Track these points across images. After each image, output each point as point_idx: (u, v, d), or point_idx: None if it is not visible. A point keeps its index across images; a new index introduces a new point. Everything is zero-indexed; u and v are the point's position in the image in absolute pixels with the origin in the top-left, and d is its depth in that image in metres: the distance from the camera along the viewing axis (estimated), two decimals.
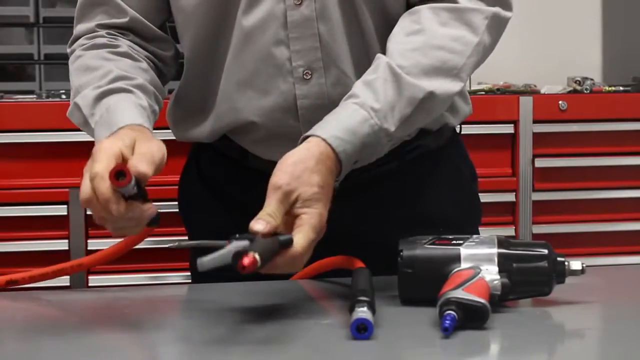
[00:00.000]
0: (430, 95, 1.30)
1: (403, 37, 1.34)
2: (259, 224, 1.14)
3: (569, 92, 3.05)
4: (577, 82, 3.07)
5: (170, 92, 1.56)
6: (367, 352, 1.03)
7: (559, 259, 1.20)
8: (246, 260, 1.01)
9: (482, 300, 1.10)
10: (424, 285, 1.18)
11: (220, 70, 1.42)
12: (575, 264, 1.21)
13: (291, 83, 1.38)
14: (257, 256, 1.02)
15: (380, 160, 1.33)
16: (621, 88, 3.10)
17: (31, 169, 2.74)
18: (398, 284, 1.21)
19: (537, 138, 2.97)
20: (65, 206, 2.74)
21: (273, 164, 1.23)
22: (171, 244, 1.20)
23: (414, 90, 1.29)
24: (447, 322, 1.06)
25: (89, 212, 2.54)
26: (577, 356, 1.07)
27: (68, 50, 1.47)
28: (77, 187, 2.87)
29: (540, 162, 2.98)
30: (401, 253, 1.20)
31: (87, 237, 2.75)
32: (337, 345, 1.06)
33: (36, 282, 1.31)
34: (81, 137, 2.75)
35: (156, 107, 1.38)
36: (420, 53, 1.32)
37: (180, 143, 1.55)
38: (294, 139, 1.28)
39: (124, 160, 1.16)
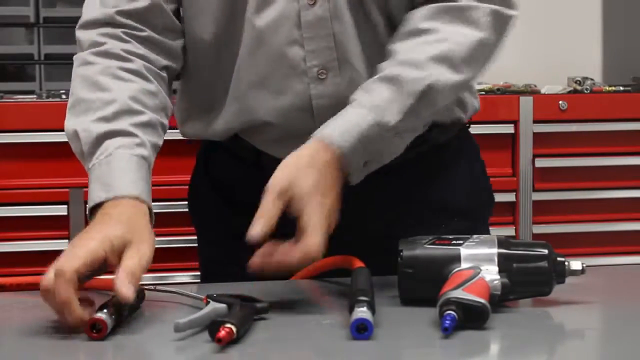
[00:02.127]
0: (430, 88, 1.30)
1: (405, 38, 1.35)
2: (253, 230, 1.16)
3: (569, 92, 3.05)
4: (577, 82, 3.07)
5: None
6: (367, 352, 1.03)
7: (559, 259, 1.20)
8: (222, 333, 1.02)
9: (482, 300, 1.10)
10: (424, 285, 1.18)
11: (231, 69, 1.41)
12: (576, 264, 1.21)
13: (306, 83, 1.38)
14: (233, 328, 1.03)
15: None
16: (621, 88, 3.10)
17: (31, 169, 2.74)
18: (398, 284, 1.21)
19: (538, 138, 2.97)
20: (65, 206, 2.73)
21: None
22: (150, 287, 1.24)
23: (413, 84, 1.30)
24: (447, 322, 1.06)
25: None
26: (577, 356, 1.07)
27: (76, 33, 1.44)
28: (77, 187, 2.86)
29: (541, 162, 2.98)
30: (401, 253, 1.20)
31: None
32: (337, 345, 1.06)
33: (23, 290, 1.32)
34: None
35: (160, 142, 1.37)
36: (423, 46, 1.33)
37: (185, 144, 1.54)
38: (306, 139, 1.29)
39: (105, 264, 1.15)
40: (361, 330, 1.05)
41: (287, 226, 1.21)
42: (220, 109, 1.44)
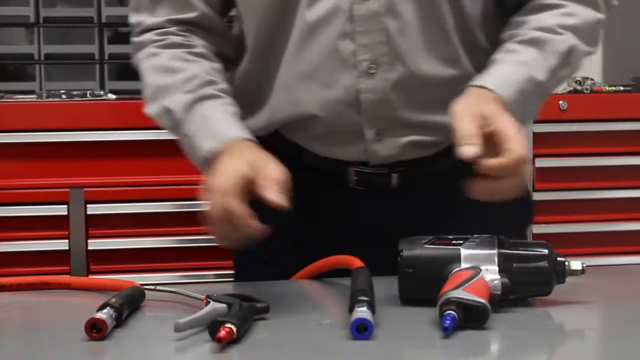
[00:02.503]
0: (571, 49, 1.36)
1: (533, 11, 1.39)
2: (469, 149, 1.17)
3: (569, 92, 3.05)
4: (577, 82, 3.07)
5: None
6: (367, 352, 1.03)
7: (559, 259, 1.20)
8: (222, 333, 1.02)
9: (482, 300, 1.10)
10: (424, 285, 1.18)
11: (278, 61, 1.41)
12: (576, 264, 1.21)
13: (355, 77, 1.38)
14: (233, 328, 1.03)
15: (439, 155, 1.38)
16: (621, 88, 3.10)
17: (31, 169, 2.74)
18: (398, 284, 1.21)
19: (537, 138, 2.97)
20: (65, 206, 2.73)
21: (328, 161, 1.22)
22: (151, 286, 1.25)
23: (557, 44, 1.35)
24: (447, 322, 1.06)
25: (89, 212, 2.53)
26: (577, 356, 1.07)
27: (134, 40, 1.47)
28: (77, 187, 2.86)
29: (541, 162, 2.98)
30: (401, 253, 1.20)
31: (87, 237, 2.75)
32: (337, 345, 1.06)
33: (23, 290, 1.32)
34: (81, 137, 2.76)
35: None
36: (554, 17, 1.37)
37: None
38: (353, 134, 1.32)
39: (250, 183, 1.20)
40: (361, 330, 1.05)
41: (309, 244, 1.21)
42: (265, 101, 1.44)
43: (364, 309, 1.08)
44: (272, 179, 1.20)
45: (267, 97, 1.43)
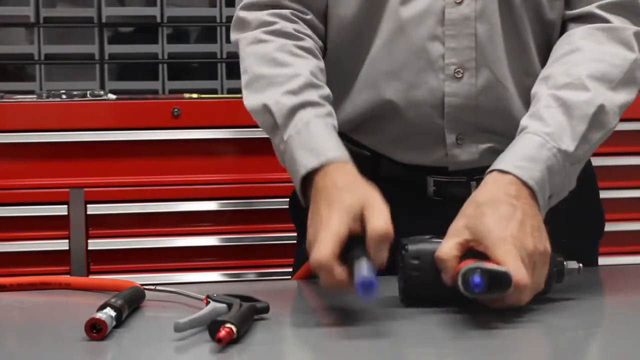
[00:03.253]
0: (601, 109, 1.31)
1: (560, 58, 1.35)
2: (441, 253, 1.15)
3: None
4: None
5: None
6: (368, 351, 1.03)
7: (558, 258, 1.20)
8: (222, 333, 1.02)
9: (505, 269, 1.10)
10: (426, 280, 1.18)
11: (365, 55, 1.41)
12: (572, 264, 1.21)
13: (441, 80, 1.38)
14: (233, 328, 1.03)
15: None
16: None
17: (31, 169, 2.73)
18: (400, 278, 1.20)
19: None
20: (66, 206, 2.73)
21: (405, 168, 1.20)
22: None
23: (583, 107, 1.30)
24: (477, 279, 1.07)
25: (89, 212, 2.53)
26: (577, 356, 1.07)
27: (239, 14, 1.43)
28: (77, 187, 2.86)
29: None
30: (406, 246, 1.20)
31: (87, 237, 2.75)
32: (337, 345, 1.06)
33: (23, 290, 1.32)
34: (81, 137, 2.76)
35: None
36: (580, 67, 1.33)
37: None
38: (434, 138, 1.32)
39: (353, 234, 1.15)
40: (367, 289, 1.06)
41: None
42: (349, 96, 1.43)
43: (365, 264, 1.08)
44: (377, 238, 1.14)
45: (347, 91, 1.43)
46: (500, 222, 1.17)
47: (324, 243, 1.14)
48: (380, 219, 1.14)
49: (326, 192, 1.21)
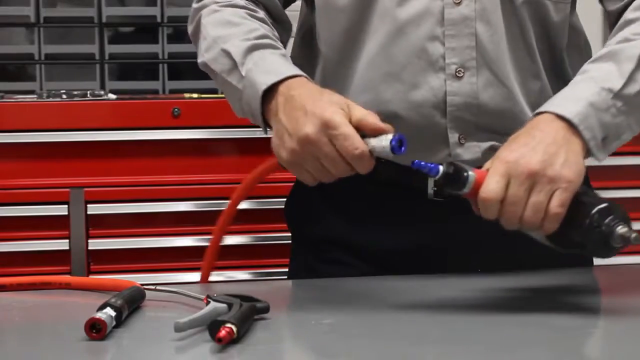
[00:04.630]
0: None
1: (615, 32, 1.37)
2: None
3: None
4: None
5: None
6: (367, 351, 1.03)
7: (612, 222, 1.27)
8: (222, 333, 1.03)
9: (472, 172, 1.17)
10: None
11: (360, 59, 1.41)
12: (622, 229, 1.27)
13: (442, 79, 1.38)
14: (233, 328, 1.03)
15: None
16: None
17: (31, 169, 2.74)
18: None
19: None
20: (66, 206, 2.73)
21: (404, 171, 1.21)
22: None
23: (629, 50, 1.30)
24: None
25: (89, 212, 2.53)
26: (577, 356, 1.07)
27: (195, 5, 1.47)
28: (77, 187, 2.86)
29: None
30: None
31: (88, 237, 2.75)
32: (337, 345, 1.06)
33: (23, 290, 1.33)
34: (81, 137, 2.76)
35: None
36: (631, 28, 1.34)
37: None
38: (437, 138, 1.33)
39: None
40: (402, 142, 1.14)
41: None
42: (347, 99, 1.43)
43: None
44: (368, 114, 1.20)
45: (346, 96, 1.42)
46: (510, 146, 1.21)
47: (330, 110, 1.19)
48: (362, 109, 1.21)
49: (302, 97, 1.24)
